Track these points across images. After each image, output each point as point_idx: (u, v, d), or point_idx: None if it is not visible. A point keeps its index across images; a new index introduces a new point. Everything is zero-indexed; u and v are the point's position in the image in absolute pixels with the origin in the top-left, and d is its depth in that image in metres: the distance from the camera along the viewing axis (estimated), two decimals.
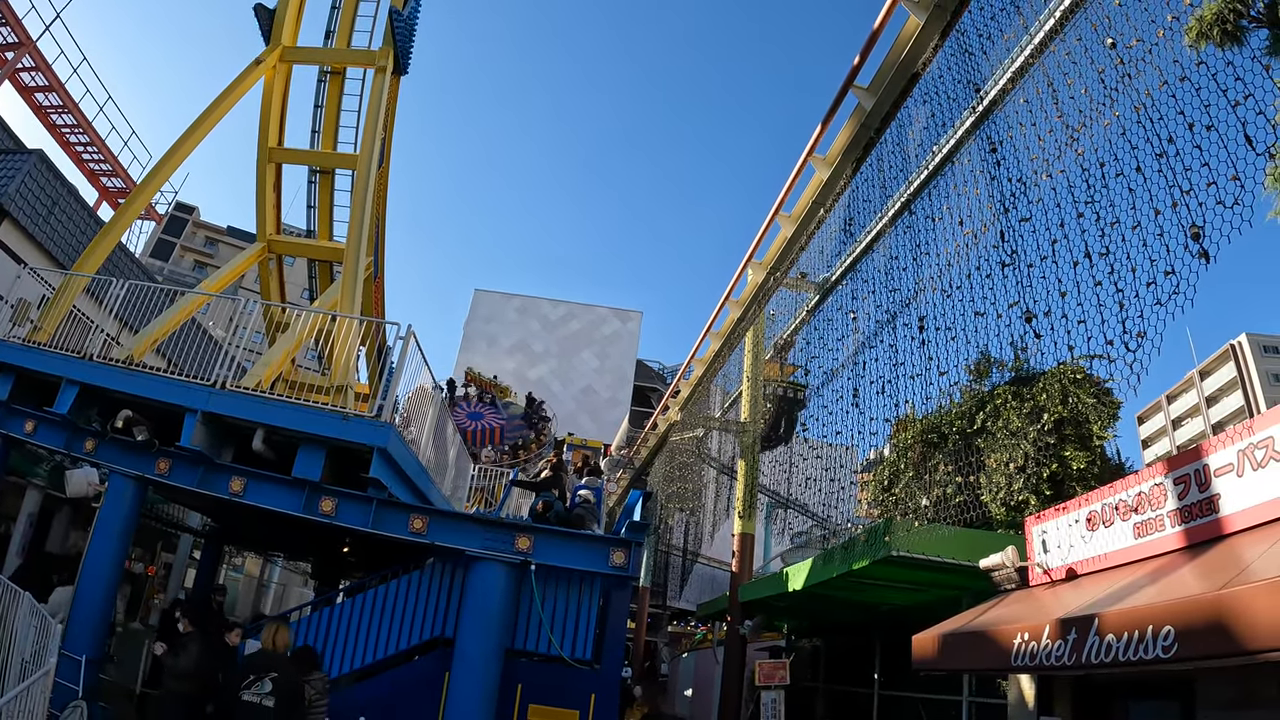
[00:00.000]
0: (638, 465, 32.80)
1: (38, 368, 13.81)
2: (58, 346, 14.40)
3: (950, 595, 12.02)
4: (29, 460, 17.89)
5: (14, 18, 30.07)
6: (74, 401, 13.31)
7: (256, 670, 10.21)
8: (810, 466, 15.89)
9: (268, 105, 20.09)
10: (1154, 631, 5.65)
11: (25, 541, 17.46)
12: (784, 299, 18.40)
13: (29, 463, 17.98)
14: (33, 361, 13.89)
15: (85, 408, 13.59)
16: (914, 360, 11.32)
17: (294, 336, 15.59)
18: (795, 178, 14.56)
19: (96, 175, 36.27)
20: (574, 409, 56.49)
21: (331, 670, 12.71)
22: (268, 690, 9.90)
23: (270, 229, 20.56)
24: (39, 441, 14.15)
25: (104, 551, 12.80)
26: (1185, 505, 7.31)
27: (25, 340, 14.54)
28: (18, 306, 14.95)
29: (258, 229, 20.54)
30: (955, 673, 11.66)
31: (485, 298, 62.86)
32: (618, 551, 12.94)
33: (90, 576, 12.57)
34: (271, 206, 20.63)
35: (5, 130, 21.65)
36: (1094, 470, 12.85)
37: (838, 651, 19.32)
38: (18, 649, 10.51)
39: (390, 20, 19.39)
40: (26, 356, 13.99)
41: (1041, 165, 8.86)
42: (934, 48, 10.77)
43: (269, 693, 9.89)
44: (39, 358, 13.91)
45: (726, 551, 22.93)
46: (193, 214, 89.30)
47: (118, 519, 12.98)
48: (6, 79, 31.10)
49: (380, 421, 12.41)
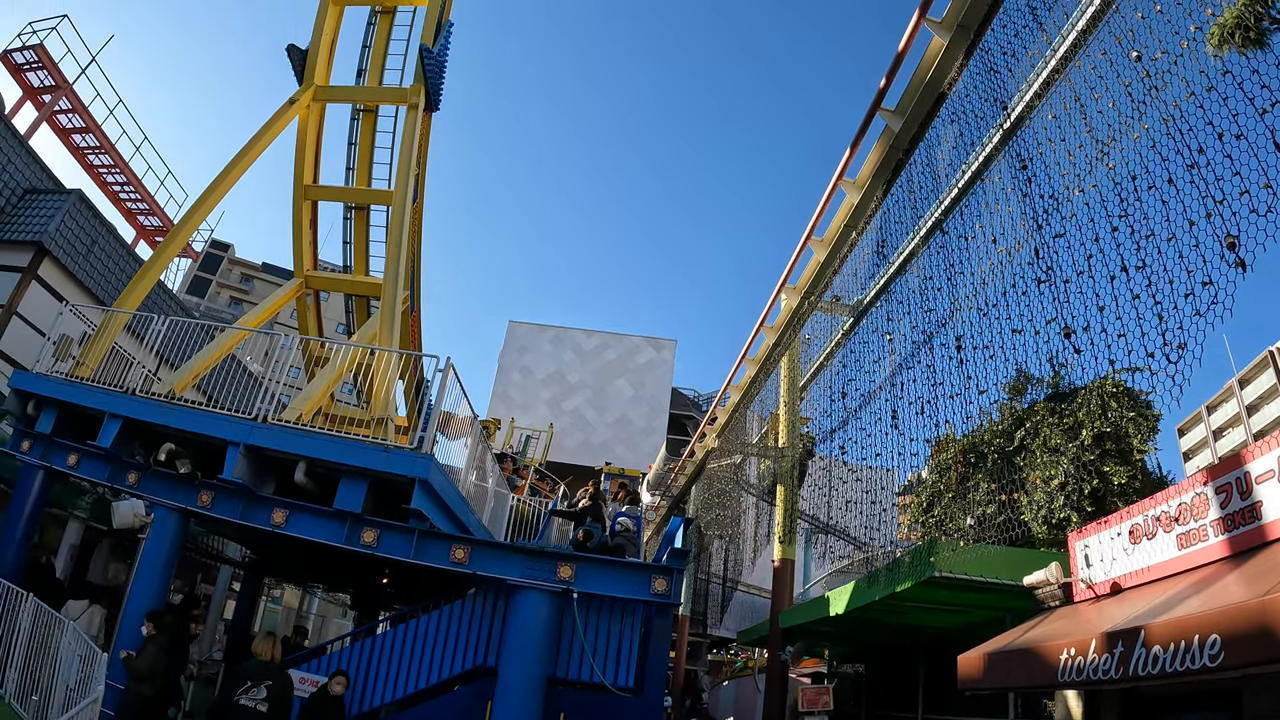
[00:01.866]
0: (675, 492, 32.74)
1: (81, 402, 14.05)
2: (100, 382, 14.64)
3: (993, 616, 11.91)
4: (71, 493, 18.16)
5: (50, 61, 30.77)
6: (117, 435, 13.51)
7: (254, 678, 11.06)
8: (850, 490, 15.84)
9: (302, 143, 20.40)
10: (1200, 641, 5.58)
11: (67, 573, 17.69)
12: (819, 322, 18.37)
13: (71, 495, 18.26)
14: (76, 396, 14.13)
15: (128, 442, 13.78)
16: (952, 380, 11.27)
17: (334, 370, 15.76)
18: (826, 202, 14.57)
19: (134, 214, 36.80)
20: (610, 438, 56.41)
21: (373, 700, 12.79)
22: (263, 696, 10.79)
23: (307, 265, 20.84)
24: (82, 474, 14.38)
25: (148, 582, 12.97)
26: (1228, 514, 7.22)
27: (68, 375, 14.80)
28: (60, 343, 15.22)
29: (295, 265, 20.81)
30: (1001, 691, 11.51)
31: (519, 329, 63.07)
32: (659, 579, 12.95)
33: (135, 607, 12.71)
34: (308, 243, 20.91)
35: (45, 171, 22.08)
36: (1135, 485, 12.71)
37: (881, 677, 19.15)
38: (62, 677, 10.67)
39: (421, 58, 19.63)
40: (70, 391, 14.23)
41: (1073, 180, 8.83)
42: (959, 67, 10.79)
43: (264, 699, 10.78)
44: (82, 392, 14.15)
45: (766, 578, 22.81)
46: (228, 251, 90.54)
47: (161, 551, 13.16)
48: (45, 121, 31.78)
49: (421, 453, 12.50)
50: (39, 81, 31.26)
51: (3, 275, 20.03)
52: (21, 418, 14.62)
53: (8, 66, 30.60)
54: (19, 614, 11.51)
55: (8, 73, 30.76)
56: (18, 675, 11.11)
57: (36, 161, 21.91)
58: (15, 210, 20.60)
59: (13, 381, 14.83)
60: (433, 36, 20.29)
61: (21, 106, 31.08)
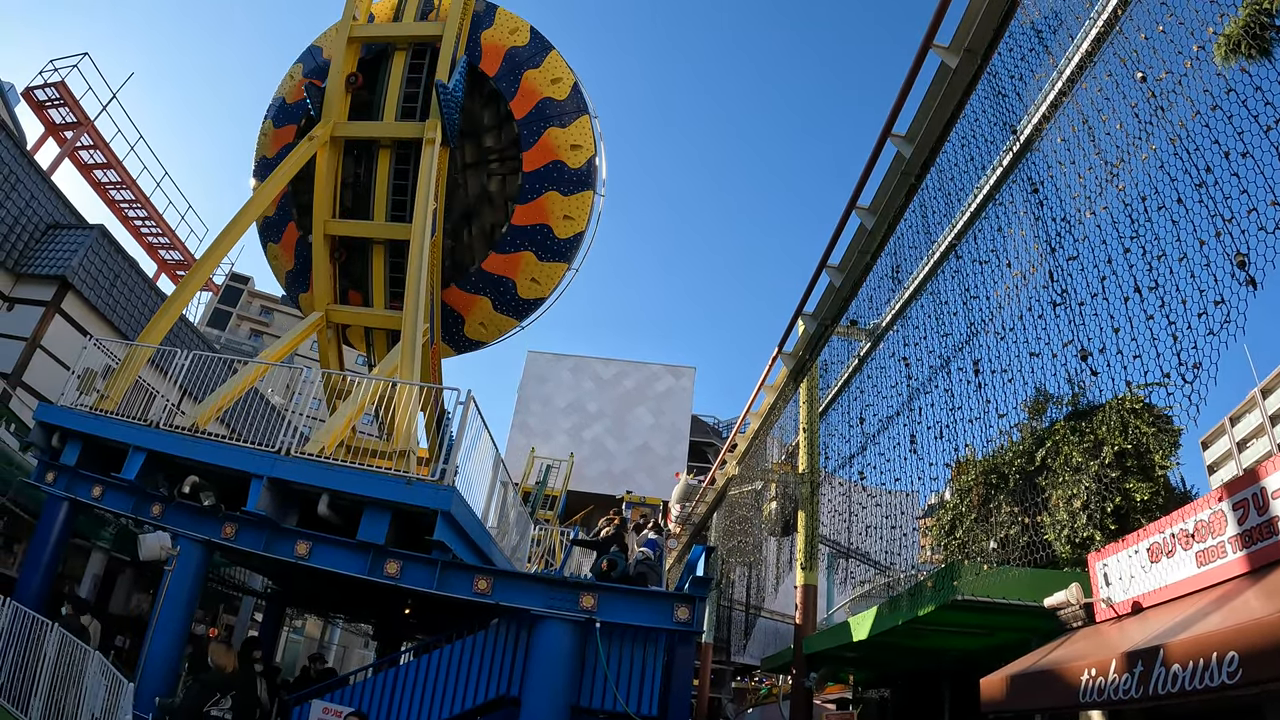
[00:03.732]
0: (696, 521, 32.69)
1: (105, 434, 14.23)
2: (124, 414, 14.82)
3: (1018, 638, 11.83)
4: (95, 524, 18.35)
5: (72, 98, 31.33)
6: (141, 468, 13.68)
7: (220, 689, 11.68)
8: (870, 514, 15.80)
9: (321, 179, 20.64)
10: (1219, 658, 5.58)
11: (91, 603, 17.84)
12: (835, 347, 18.38)
13: (95, 526, 18.45)
14: (100, 429, 14.31)
15: (152, 474, 13.95)
16: (971, 404, 11.28)
17: (355, 403, 15.90)
18: (840, 228, 14.61)
19: (155, 249, 37.34)
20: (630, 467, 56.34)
21: None
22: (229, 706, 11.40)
23: (328, 299, 21.03)
24: (107, 506, 14.53)
25: (172, 613, 13.11)
26: (1245, 530, 7.19)
27: (92, 408, 14.98)
28: (84, 376, 15.43)
29: (316, 299, 21.00)
30: (1025, 713, 11.46)
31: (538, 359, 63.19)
32: (681, 607, 12.96)
33: (159, 638, 12.84)
34: (328, 277, 21.11)
35: (67, 206, 22.44)
36: (1159, 501, 12.60)
37: (906, 701, 19.00)
38: (88, 706, 10.77)
39: (436, 93, 19.87)
40: (94, 424, 14.42)
41: (1084, 202, 8.87)
42: (966, 91, 10.85)
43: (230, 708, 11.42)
44: (106, 425, 14.33)
45: (789, 605, 22.74)
46: (248, 284, 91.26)
47: (185, 583, 13.29)
48: (67, 157, 32.28)
49: (443, 485, 12.60)
50: (61, 118, 31.86)
51: (27, 309, 20.37)
52: (46, 450, 14.80)
53: (30, 104, 31.21)
54: (44, 643, 11.64)
55: (30, 110, 31.40)
56: (42, 704, 11.22)
57: (59, 197, 22.30)
58: (39, 245, 20.96)
59: (37, 414, 15.02)
60: (448, 73, 20.53)
61: (44, 143, 31.69)
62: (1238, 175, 6.62)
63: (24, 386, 19.63)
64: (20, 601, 12.60)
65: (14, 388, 19.30)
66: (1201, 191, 6.99)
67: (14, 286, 20.64)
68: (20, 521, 17.56)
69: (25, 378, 19.76)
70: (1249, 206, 6.49)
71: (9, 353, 19.82)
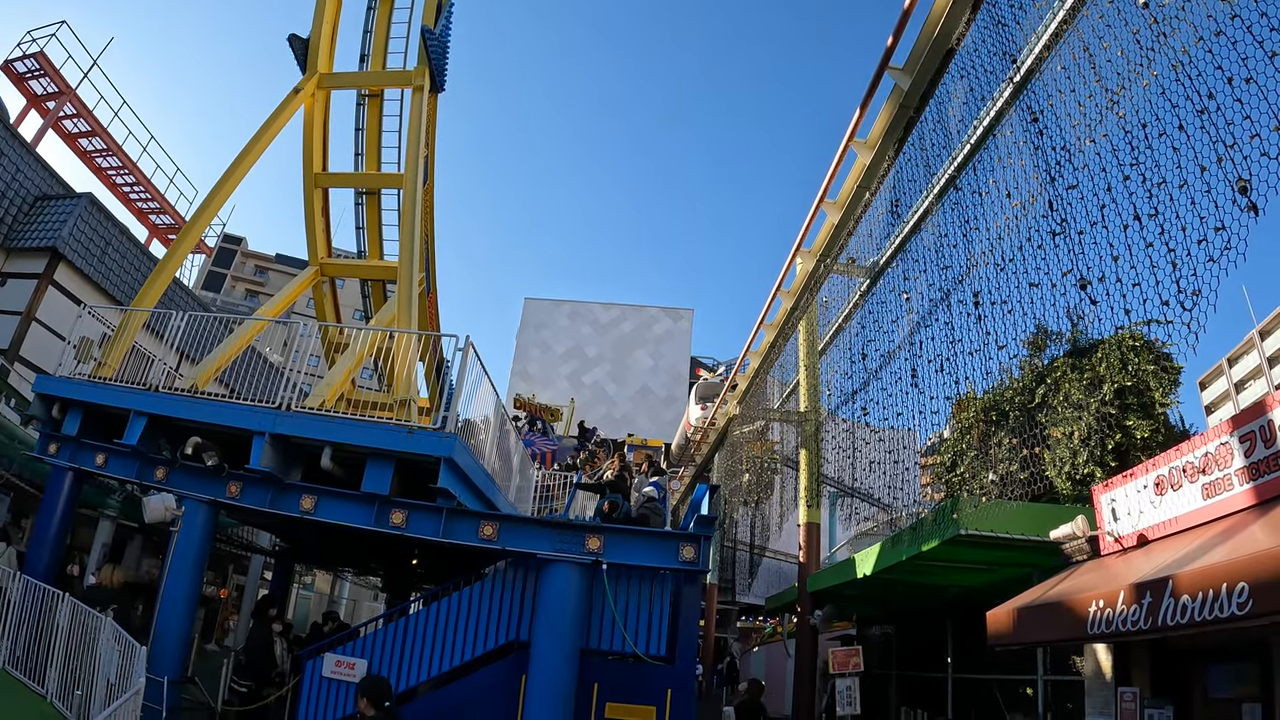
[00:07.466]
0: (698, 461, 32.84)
1: (105, 402, 14.17)
2: (122, 380, 14.76)
3: (1020, 573, 11.91)
4: (101, 492, 18.38)
5: (52, 68, 30.89)
6: (142, 432, 13.64)
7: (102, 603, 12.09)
8: (872, 450, 15.86)
9: (309, 132, 20.42)
10: (1228, 589, 5.59)
11: None
12: (835, 284, 18.35)
13: (101, 494, 18.48)
14: (99, 396, 14.25)
15: (154, 438, 13.93)
16: (971, 336, 11.26)
17: (354, 355, 15.85)
18: (838, 164, 14.50)
19: (145, 214, 36.99)
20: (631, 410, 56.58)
21: (409, 679, 12.91)
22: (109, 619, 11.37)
23: (321, 253, 20.91)
24: (110, 473, 14.53)
25: (181, 576, 13.16)
26: (1252, 462, 7.18)
27: (90, 376, 14.92)
28: (81, 345, 15.35)
29: (309, 253, 20.89)
30: (1031, 646, 11.54)
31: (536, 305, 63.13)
32: (687, 546, 12.99)
33: (169, 601, 12.92)
34: (321, 231, 20.98)
35: (54, 177, 22.22)
36: (1158, 439, 12.63)
37: (909, 637, 19.21)
38: (102, 672, 10.85)
39: (423, 39, 19.60)
40: (93, 392, 14.35)
41: (1084, 131, 8.78)
42: (966, 21, 10.71)
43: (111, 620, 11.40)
44: (105, 392, 14.27)
45: (792, 545, 22.89)
46: (241, 244, 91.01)
47: (192, 543, 13.31)
48: (50, 127, 31.91)
49: (445, 432, 12.59)
50: (42, 89, 31.45)
51: (20, 282, 20.28)
52: (47, 421, 14.75)
53: (10, 76, 30.72)
54: (57, 614, 11.71)
55: (10, 82, 30.89)
56: (58, 675, 11.31)
57: (45, 168, 22.07)
58: (28, 217, 20.80)
59: (36, 386, 14.95)
60: (434, 18, 20.25)
61: (26, 115, 31.26)
62: (1241, 101, 6.54)
63: (22, 360, 19.58)
64: (30, 574, 12.67)
65: (12, 362, 19.25)
66: (1204, 118, 6.91)
67: (5, 261, 20.55)
68: (26, 496, 17.60)
69: (22, 351, 19.72)
70: (1252, 132, 6.42)
71: (4, 328, 19.78)
